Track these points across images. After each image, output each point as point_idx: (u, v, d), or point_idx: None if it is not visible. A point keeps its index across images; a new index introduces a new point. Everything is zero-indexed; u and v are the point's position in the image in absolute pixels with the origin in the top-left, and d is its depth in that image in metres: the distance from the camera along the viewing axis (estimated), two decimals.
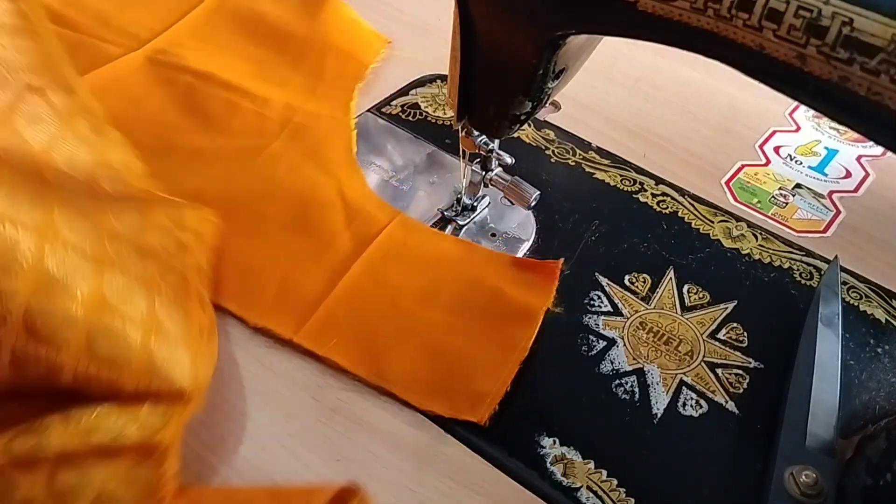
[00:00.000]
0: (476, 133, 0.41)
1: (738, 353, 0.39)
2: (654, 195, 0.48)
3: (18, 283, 0.27)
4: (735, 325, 0.41)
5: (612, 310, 0.41)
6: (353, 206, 0.45)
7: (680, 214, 0.47)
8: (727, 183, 0.51)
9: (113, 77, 0.53)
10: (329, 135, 0.50)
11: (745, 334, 0.40)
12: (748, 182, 0.51)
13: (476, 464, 0.35)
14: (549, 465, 0.35)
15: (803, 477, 0.32)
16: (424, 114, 0.54)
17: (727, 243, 0.45)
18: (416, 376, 0.37)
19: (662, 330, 0.40)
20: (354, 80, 0.55)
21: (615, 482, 0.34)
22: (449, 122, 0.53)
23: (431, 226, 0.45)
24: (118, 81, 0.53)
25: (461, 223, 0.46)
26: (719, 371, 0.39)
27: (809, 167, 0.53)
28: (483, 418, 0.35)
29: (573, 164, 0.50)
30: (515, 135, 0.51)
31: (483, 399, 0.36)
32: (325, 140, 0.50)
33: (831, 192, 0.51)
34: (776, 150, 0.54)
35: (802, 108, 0.57)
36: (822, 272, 0.43)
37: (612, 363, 0.39)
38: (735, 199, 0.50)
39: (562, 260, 0.42)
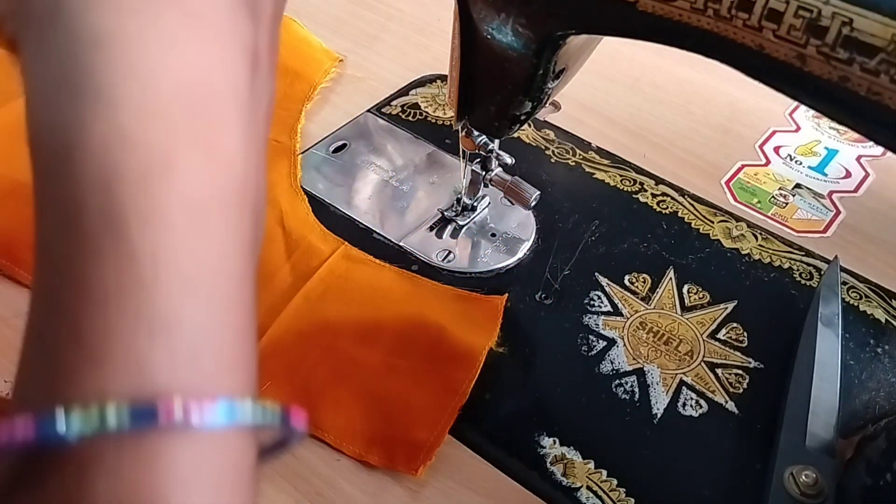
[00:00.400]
0: (476, 133, 0.41)
1: (738, 353, 0.39)
2: (654, 195, 0.48)
3: None
4: (735, 325, 0.41)
5: (612, 310, 0.41)
6: (294, 237, 0.44)
7: (680, 214, 0.47)
8: (727, 183, 0.51)
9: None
10: (272, 160, 0.48)
11: (745, 334, 0.40)
12: (748, 182, 0.51)
13: (476, 464, 0.35)
14: (549, 465, 0.35)
15: (803, 477, 0.32)
16: (424, 114, 0.54)
17: (727, 243, 0.45)
18: (351, 424, 0.36)
19: (662, 330, 0.40)
20: (301, 102, 0.53)
21: (615, 482, 0.34)
22: (449, 122, 0.53)
23: (431, 226, 0.45)
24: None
25: (461, 223, 0.46)
26: (719, 371, 0.39)
27: (809, 167, 0.53)
28: (418, 471, 0.34)
29: (573, 164, 0.50)
30: (515, 135, 0.51)
31: (419, 450, 0.34)
32: (268, 166, 0.49)
33: (831, 192, 0.51)
34: (776, 150, 0.54)
35: (802, 108, 0.57)
36: (822, 272, 0.43)
37: (612, 363, 0.39)
38: (735, 199, 0.50)
39: (506, 296, 0.41)
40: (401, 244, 0.44)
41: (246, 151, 0.19)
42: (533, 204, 0.42)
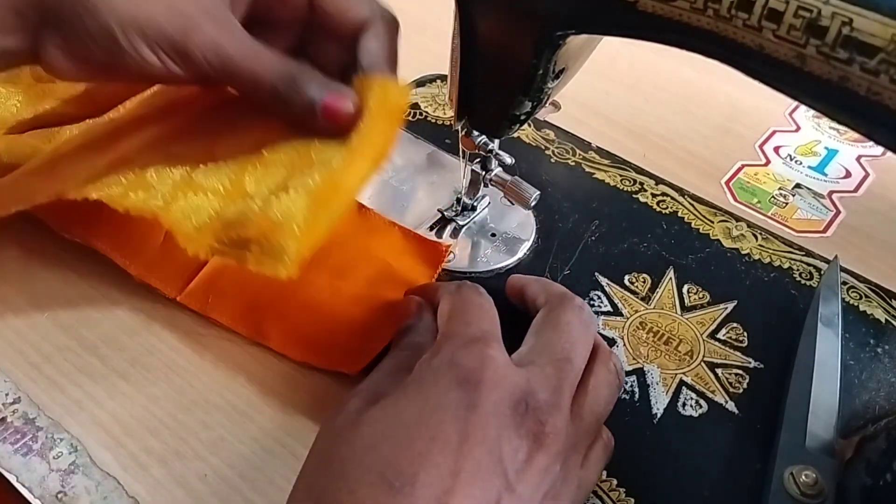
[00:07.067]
0: (476, 133, 0.41)
1: (738, 353, 0.39)
2: (654, 195, 0.48)
3: None
4: (735, 325, 0.41)
5: (612, 310, 0.41)
6: None
7: (680, 214, 0.47)
8: (727, 183, 0.51)
9: None
10: None
11: (745, 334, 0.40)
12: (748, 182, 0.51)
13: None
14: None
15: (803, 477, 0.32)
16: (424, 114, 0.54)
17: (727, 243, 0.45)
18: (295, 333, 0.38)
19: (662, 330, 0.40)
20: None
21: (615, 482, 0.34)
22: (449, 122, 0.53)
23: (431, 226, 0.45)
24: None
25: (461, 223, 0.46)
26: (719, 371, 0.39)
27: (809, 167, 0.53)
28: (355, 370, 0.36)
29: (573, 164, 0.50)
30: (515, 135, 0.51)
31: (359, 353, 0.37)
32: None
33: (831, 192, 0.51)
34: (776, 150, 0.54)
35: (802, 108, 0.57)
36: (822, 272, 0.43)
37: None
38: (735, 199, 0.50)
39: (450, 244, 0.43)
40: None
41: None
42: (533, 204, 0.42)
